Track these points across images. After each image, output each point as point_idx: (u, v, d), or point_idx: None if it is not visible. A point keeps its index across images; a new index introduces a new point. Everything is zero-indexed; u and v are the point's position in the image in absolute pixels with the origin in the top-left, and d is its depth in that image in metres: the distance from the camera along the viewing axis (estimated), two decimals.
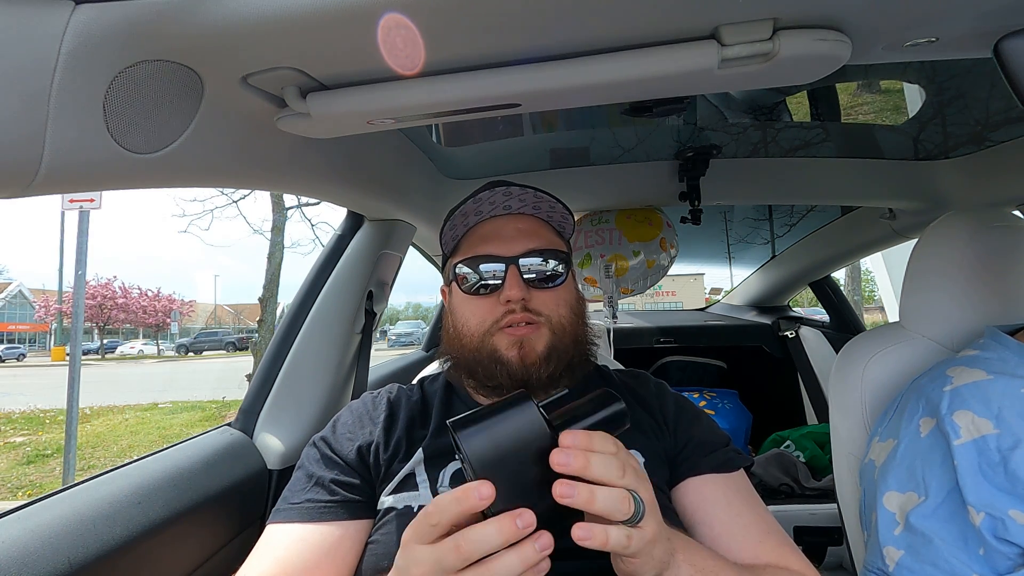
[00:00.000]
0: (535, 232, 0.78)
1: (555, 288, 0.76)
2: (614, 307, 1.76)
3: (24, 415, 8.55)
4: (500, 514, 0.40)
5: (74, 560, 0.64)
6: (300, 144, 0.79)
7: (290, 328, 1.17)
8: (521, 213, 0.80)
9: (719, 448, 0.74)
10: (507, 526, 0.40)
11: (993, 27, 0.53)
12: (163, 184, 0.66)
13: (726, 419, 2.04)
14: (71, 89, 0.47)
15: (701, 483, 0.70)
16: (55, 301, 25.41)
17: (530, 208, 0.80)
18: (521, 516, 0.40)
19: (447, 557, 0.40)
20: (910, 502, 0.63)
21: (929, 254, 0.87)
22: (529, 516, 0.40)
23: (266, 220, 9.37)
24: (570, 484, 0.41)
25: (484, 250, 0.76)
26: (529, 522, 0.40)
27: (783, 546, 0.64)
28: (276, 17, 0.47)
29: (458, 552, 0.40)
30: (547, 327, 0.73)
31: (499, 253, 0.75)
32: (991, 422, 0.60)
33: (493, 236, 0.77)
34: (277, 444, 1.06)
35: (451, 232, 0.81)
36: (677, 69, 0.56)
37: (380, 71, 0.59)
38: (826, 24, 0.54)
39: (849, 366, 0.90)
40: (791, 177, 1.49)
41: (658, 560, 0.46)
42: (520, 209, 0.80)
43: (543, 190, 0.78)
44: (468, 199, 0.77)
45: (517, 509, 0.40)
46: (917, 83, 1.07)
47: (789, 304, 2.99)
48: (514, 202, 0.78)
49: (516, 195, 0.77)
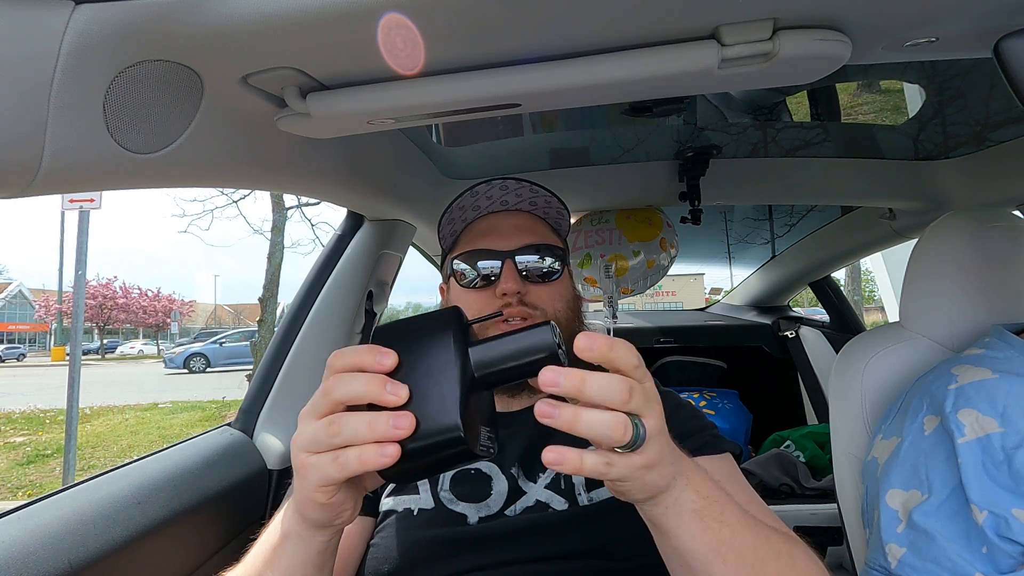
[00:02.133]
0: (531, 228, 0.79)
1: (551, 283, 0.77)
2: (614, 307, 1.76)
3: (24, 415, 8.54)
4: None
5: (74, 560, 0.64)
6: (300, 144, 0.80)
7: (290, 328, 1.17)
8: (518, 210, 0.81)
9: (697, 433, 0.73)
10: (381, 422, 0.39)
11: (993, 27, 0.53)
12: (163, 184, 0.66)
13: (726, 419, 2.04)
14: (71, 89, 0.47)
15: None
16: (55, 301, 25.42)
17: (527, 204, 0.81)
18: (399, 417, 0.39)
19: (319, 432, 0.40)
20: (913, 500, 0.63)
21: (929, 254, 0.87)
22: (407, 420, 0.39)
23: (266, 220, 9.38)
24: (552, 404, 0.38)
25: (481, 245, 0.77)
26: (403, 425, 0.39)
27: (763, 514, 0.63)
28: (276, 17, 0.47)
29: (328, 429, 0.40)
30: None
31: (496, 248, 0.76)
32: (996, 421, 0.60)
33: (490, 232, 0.78)
34: (277, 444, 1.06)
35: (449, 227, 0.82)
36: (677, 69, 0.56)
37: (380, 71, 0.59)
38: (826, 24, 0.54)
39: (849, 366, 0.90)
40: (791, 177, 1.49)
41: (651, 485, 0.43)
42: (517, 205, 0.81)
43: (539, 184, 0.79)
44: (465, 192, 0.78)
45: (400, 411, 0.39)
46: (917, 83, 1.08)
47: (789, 304, 2.99)
48: (511, 197, 0.79)
49: (512, 190, 0.78)
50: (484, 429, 0.44)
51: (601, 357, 0.40)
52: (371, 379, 0.40)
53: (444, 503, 0.68)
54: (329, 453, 0.41)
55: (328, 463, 0.40)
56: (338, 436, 0.40)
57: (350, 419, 0.40)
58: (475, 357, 0.43)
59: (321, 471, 0.41)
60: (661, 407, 0.43)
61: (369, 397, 0.40)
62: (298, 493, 0.45)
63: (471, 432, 0.40)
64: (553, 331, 0.42)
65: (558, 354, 0.42)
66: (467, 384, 0.41)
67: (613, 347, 0.40)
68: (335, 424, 0.40)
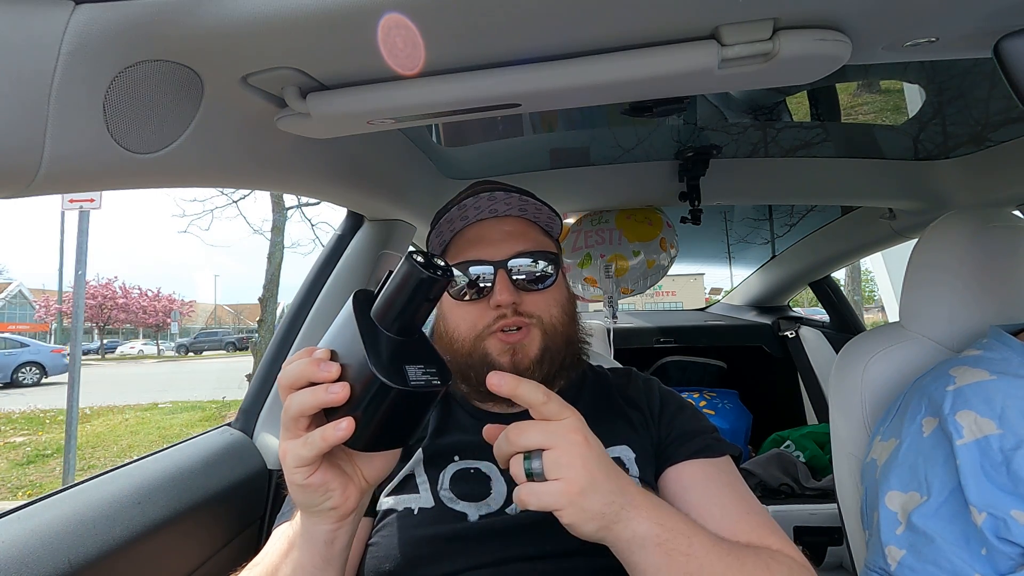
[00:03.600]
0: (523, 233, 0.77)
1: (546, 290, 0.75)
2: (614, 307, 1.76)
3: (24, 415, 8.55)
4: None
5: (74, 560, 0.64)
6: (300, 144, 0.79)
7: (290, 328, 1.17)
8: (508, 215, 0.79)
9: (699, 435, 0.73)
10: (319, 389, 0.45)
11: (993, 27, 0.53)
12: (163, 184, 0.66)
13: (726, 419, 2.04)
14: (71, 89, 0.47)
15: (680, 470, 0.70)
16: (55, 301, 25.40)
17: (516, 210, 0.79)
18: (332, 384, 0.45)
19: (285, 419, 0.48)
20: (912, 502, 0.63)
21: (929, 254, 0.87)
22: (339, 386, 0.45)
23: (266, 220, 9.38)
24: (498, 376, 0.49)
25: (472, 254, 0.75)
26: (336, 391, 0.45)
27: (762, 527, 0.63)
28: (276, 17, 0.47)
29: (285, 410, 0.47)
30: (539, 328, 0.73)
31: (487, 257, 0.74)
32: (994, 422, 0.60)
33: (480, 240, 0.76)
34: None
35: (438, 238, 0.80)
36: (677, 69, 0.56)
37: (380, 71, 0.59)
38: (826, 24, 0.54)
39: (849, 366, 0.90)
40: (791, 177, 1.49)
41: (592, 512, 0.47)
42: (506, 212, 0.79)
43: (528, 192, 0.77)
44: (452, 205, 0.76)
45: (336, 383, 0.46)
46: (917, 83, 1.08)
47: (789, 304, 2.99)
48: (499, 206, 0.77)
49: (501, 199, 0.76)
50: (414, 368, 0.47)
51: (509, 394, 0.48)
52: (308, 363, 0.47)
53: (444, 502, 0.68)
54: (299, 438, 0.46)
55: (300, 445, 0.46)
56: (290, 409, 0.46)
57: (296, 395, 0.47)
58: (376, 316, 0.48)
59: (293, 452, 0.47)
60: (579, 435, 0.49)
61: (307, 376, 0.46)
62: (287, 481, 0.49)
63: (395, 375, 0.45)
64: (412, 260, 0.46)
65: (426, 276, 0.46)
66: (379, 341, 0.47)
67: (519, 385, 0.49)
68: (288, 402, 0.47)
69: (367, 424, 0.45)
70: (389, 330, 0.48)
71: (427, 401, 0.48)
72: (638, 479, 0.69)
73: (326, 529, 0.50)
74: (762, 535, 0.62)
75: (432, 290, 0.47)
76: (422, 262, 0.46)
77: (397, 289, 0.47)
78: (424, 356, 0.49)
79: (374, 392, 0.45)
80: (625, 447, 0.72)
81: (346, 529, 0.52)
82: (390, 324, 0.48)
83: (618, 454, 0.71)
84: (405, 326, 0.48)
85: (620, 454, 0.71)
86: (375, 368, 0.44)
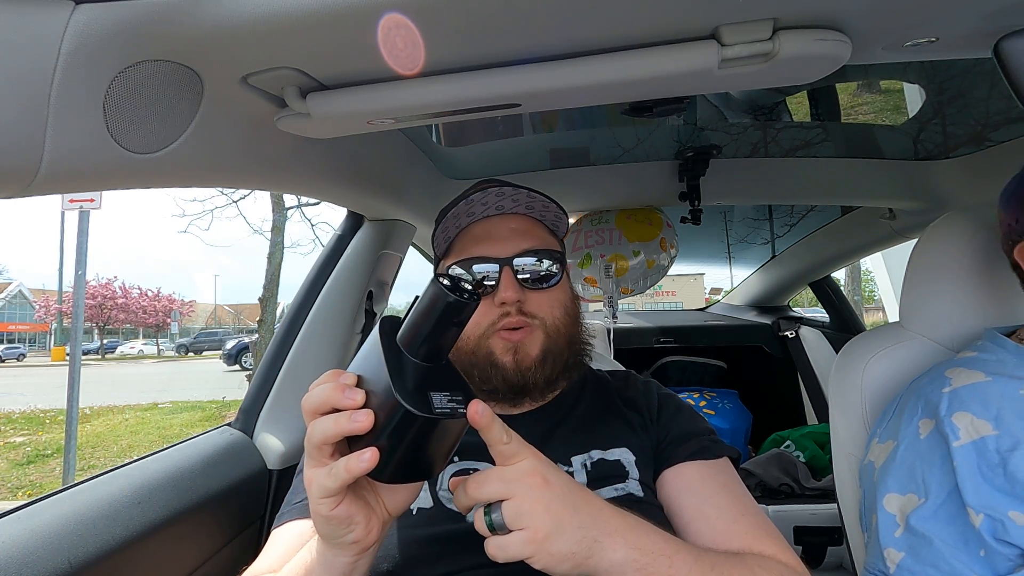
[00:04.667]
0: (529, 232, 0.77)
1: (550, 289, 0.75)
2: (614, 307, 1.76)
3: (24, 415, 8.54)
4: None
5: (74, 560, 0.64)
6: (300, 144, 0.79)
7: (290, 328, 1.17)
8: (514, 213, 0.79)
9: (696, 437, 0.73)
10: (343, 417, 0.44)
11: (993, 27, 0.53)
12: (163, 184, 0.66)
13: (726, 419, 2.04)
14: (71, 89, 0.47)
15: (677, 471, 0.70)
16: (55, 301, 25.43)
17: (523, 208, 0.78)
18: (356, 412, 0.44)
19: (309, 447, 0.46)
20: (910, 504, 0.63)
21: (929, 254, 0.87)
22: (363, 414, 0.43)
23: (266, 220, 9.36)
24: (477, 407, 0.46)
25: (477, 251, 0.75)
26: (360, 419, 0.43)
27: (758, 529, 0.63)
28: (276, 17, 0.47)
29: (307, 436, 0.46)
30: (541, 330, 0.73)
31: (493, 254, 0.74)
32: (990, 424, 0.60)
33: (486, 237, 0.76)
34: (277, 444, 1.06)
35: (443, 234, 0.79)
36: (677, 69, 0.56)
37: (380, 71, 0.59)
38: (826, 24, 0.54)
39: (849, 366, 0.90)
40: (791, 177, 1.49)
41: (561, 554, 0.46)
42: (513, 209, 0.78)
43: (536, 190, 0.77)
44: (460, 199, 0.75)
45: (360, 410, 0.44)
46: (917, 83, 1.08)
47: (789, 304, 2.99)
48: (507, 202, 0.77)
49: (509, 195, 0.76)
50: (438, 395, 0.46)
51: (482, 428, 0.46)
52: (333, 388, 0.45)
53: (443, 502, 0.68)
54: (324, 467, 0.45)
55: (324, 475, 0.45)
56: (313, 437, 0.45)
57: (318, 422, 0.45)
58: (402, 342, 0.47)
59: (318, 482, 0.45)
60: (536, 477, 0.47)
61: (331, 402, 0.45)
62: (311, 510, 0.48)
63: (420, 403, 0.43)
64: (438, 283, 0.45)
65: (453, 299, 0.44)
66: (404, 368, 0.45)
67: (492, 423, 0.47)
68: (311, 428, 0.46)
69: (391, 453, 0.44)
70: (415, 356, 0.46)
71: (452, 430, 0.46)
72: (638, 482, 0.69)
73: (346, 561, 0.49)
74: (758, 537, 0.62)
75: (461, 314, 0.45)
76: (448, 285, 0.45)
77: (423, 314, 0.46)
78: (450, 382, 0.48)
79: (398, 420, 0.43)
80: (625, 449, 0.72)
81: (365, 560, 0.51)
82: (416, 350, 0.46)
83: (618, 456, 0.71)
84: (432, 352, 0.47)
85: (620, 456, 0.71)
86: (399, 395, 0.42)
